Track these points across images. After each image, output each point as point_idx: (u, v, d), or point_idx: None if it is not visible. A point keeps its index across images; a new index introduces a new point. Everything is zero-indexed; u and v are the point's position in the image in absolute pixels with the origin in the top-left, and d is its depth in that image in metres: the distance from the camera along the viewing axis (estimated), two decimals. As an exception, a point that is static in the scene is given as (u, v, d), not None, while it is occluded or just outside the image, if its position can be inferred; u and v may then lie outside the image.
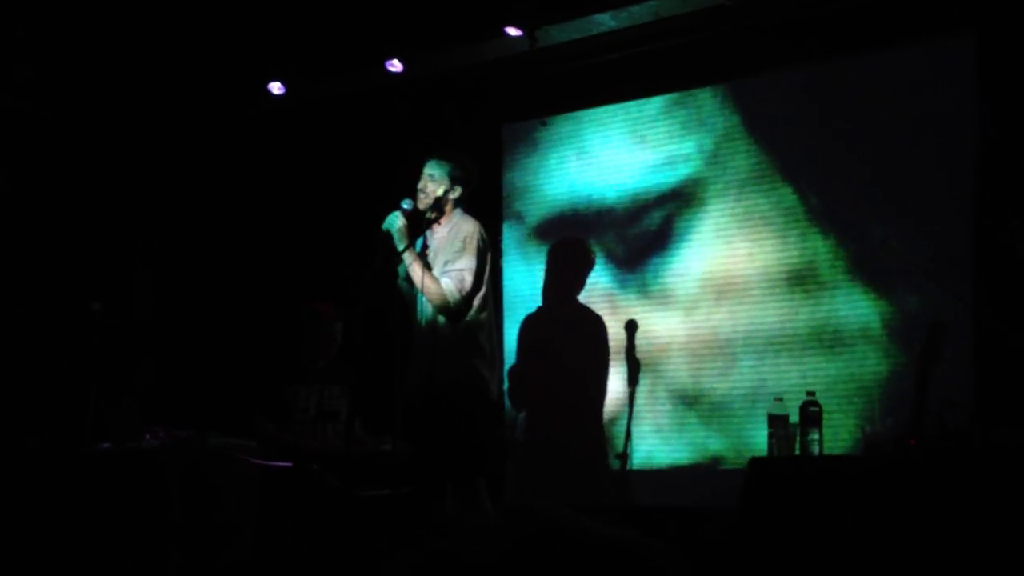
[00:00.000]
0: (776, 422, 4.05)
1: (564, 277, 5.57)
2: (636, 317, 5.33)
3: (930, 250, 4.57)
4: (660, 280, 5.40)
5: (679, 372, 5.27)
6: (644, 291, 5.45)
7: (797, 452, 3.96)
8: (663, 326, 5.34)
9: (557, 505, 1.09)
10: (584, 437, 5.33)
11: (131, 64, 5.92)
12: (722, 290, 5.22)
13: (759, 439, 4.33)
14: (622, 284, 5.51)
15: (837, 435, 4.62)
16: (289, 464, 4.50)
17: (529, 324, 5.59)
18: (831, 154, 5.01)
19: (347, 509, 4.34)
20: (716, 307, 5.22)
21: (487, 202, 5.61)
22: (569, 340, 5.46)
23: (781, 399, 4.19)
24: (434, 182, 4.53)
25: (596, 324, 5.39)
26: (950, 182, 4.69)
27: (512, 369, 5.48)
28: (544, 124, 5.86)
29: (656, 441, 5.28)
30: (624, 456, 5.05)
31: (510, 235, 5.88)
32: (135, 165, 6.37)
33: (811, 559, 3.47)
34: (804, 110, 5.14)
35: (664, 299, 5.38)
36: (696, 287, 5.29)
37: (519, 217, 5.88)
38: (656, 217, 5.46)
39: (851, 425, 4.66)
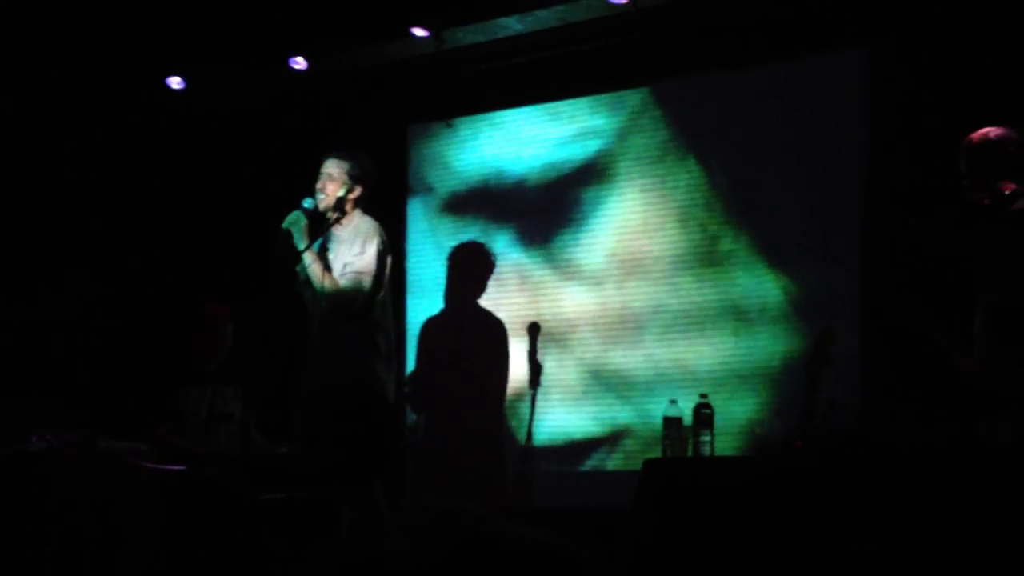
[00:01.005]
0: (670, 424, 4.10)
1: (465, 280, 5.57)
2: (547, 291, 5.40)
3: (823, 246, 4.70)
4: (569, 255, 5.46)
5: (588, 346, 5.32)
6: (554, 265, 5.50)
7: (690, 454, 4.00)
8: (572, 301, 5.40)
9: (479, 507, 1.08)
10: (484, 440, 5.33)
11: (27, 58, 5.75)
12: (630, 266, 5.29)
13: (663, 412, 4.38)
14: (532, 259, 5.55)
15: (732, 415, 4.71)
16: (181, 468, 4.40)
17: (430, 327, 5.58)
18: (739, 147, 5.10)
19: (241, 513, 4.27)
20: (624, 283, 5.29)
21: (390, 202, 5.60)
22: (470, 344, 5.47)
23: (675, 401, 4.23)
24: (333, 181, 4.49)
25: (497, 328, 5.41)
26: (842, 184, 4.82)
27: (412, 373, 5.46)
28: (449, 125, 5.85)
29: (563, 412, 5.33)
30: (524, 456, 5.06)
31: (420, 208, 5.87)
32: (31, 159, 6.20)
33: (702, 560, 3.51)
34: (713, 110, 5.22)
35: (573, 274, 5.44)
36: (605, 262, 5.36)
37: (429, 189, 5.87)
38: (566, 191, 5.51)
39: (750, 405, 4.77)
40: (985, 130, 3.59)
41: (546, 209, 5.53)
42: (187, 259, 6.08)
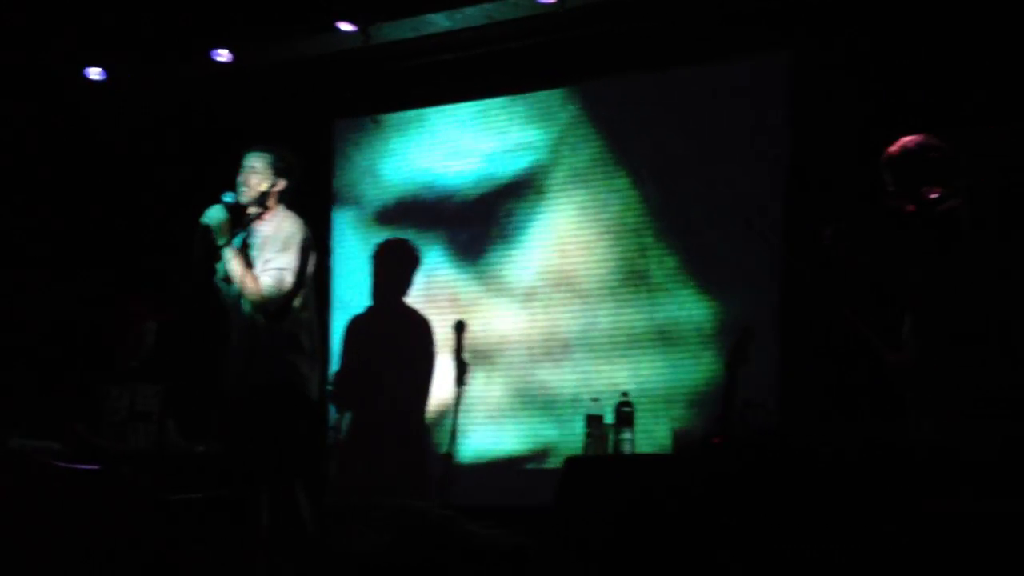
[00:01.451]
0: (592, 422, 4.12)
1: (389, 278, 5.55)
2: (476, 307, 5.37)
3: (747, 252, 4.74)
4: (500, 271, 5.44)
5: (515, 364, 5.30)
6: (484, 281, 5.47)
7: (611, 451, 4.03)
8: (501, 318, 5.38)
9: (436, 505, 1.08)
10: (408, 438, 5.31)
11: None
12: (559, 283, 5.29)
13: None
14: (462, 274, 5.52)
15: (653, 433, 4.71)
16: (96, 467, 4.32)
17: (355, 326, 5.55)
18: (667, 152, 5.14)
19: (158, 513, 4.20)
20: (553, 300, 5.28)
21: (315, 199, 5.54)
22: (395, 342, 5.44)
23: (597, 399, 4.25)
24: (257, 175, 4.38)
25: (422, 326, 5.39)
26: (766, 187, 4.86)
27: (337, 372, 5.42)
28: (376, 122, 5.82)
29: (489, 432, 5.31)
30: (448, 456, 5.04)
31: (348, 219, 5.83)
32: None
33: (621, 555, 3.53)
34: (641, 112, 5.25)
35: (503, 290, 5.42)
36: (535, 279, 5.35)
37: (358, 202, 5.83)
38: (498, 206, 5.49)
39: (677, 419, 4.77)
40: (903, 140, 3.66)
41: (477, 223, 5.52)
42: (106, 255, 5.96)
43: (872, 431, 3.33)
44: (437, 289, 5.53)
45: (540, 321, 5.30)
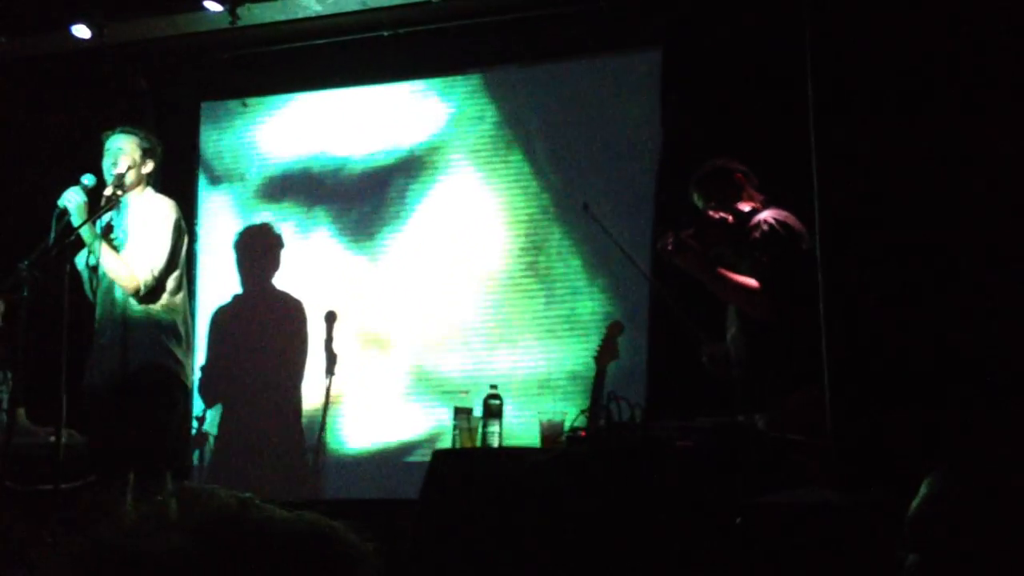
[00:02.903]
0: (460, 414, 4.13)
1: (255, 265, 5.43)
2: (366, 286, 5.25)
3: (616, 249, 4.80)
4: (391, 253, 5.31)
5: (404, 351, 5.19)
6: (375, 260, 5.34)
7: (479, 444, 4.04)
8: (391, 303, 5.25)
9: (231, 490, 1.04)
10: (279, 429, 5.21)
11: None
12: (453, 265, 5.18)
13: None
14: (353, 251, 5.38)
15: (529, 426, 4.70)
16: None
17: (221, 315, 5.42)
18: (557, 141, 5.15)
19: (4, 504, 4.03)
20: (447, 282, 5.17)
21: (181, 182, 5.40)
22: (263, 330, 5.33)
23: (467, 392, 4.25)
24: (125, 155, 4.26)
25: (294, 310, 5.28)
26: (636, 182, 4.94)
27: (204, 364, 5.28)
28: (246, 106, 5.69)
29: (375, 421, 5.19)
30: (318, 448, 4.98)
31: (219, 203, 5.65)
32: None
33: (485, 548, 3.54)
34: (524, 101, 5.24)
35: (396, 270, 5.28)
36: (427, 260, 5.23)
37: (231, 183, 5.66)
38: (390, 183, 5.37)
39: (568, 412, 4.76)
40: (710, 162, 4.00)
41: (368, 202, 5.38)
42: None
43: (723, 421, 3.44)
44: (328, 273, 5.36)
45: (432, 306, 5.17)
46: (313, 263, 5.41)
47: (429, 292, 5.21)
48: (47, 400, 4.35)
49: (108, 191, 4.21)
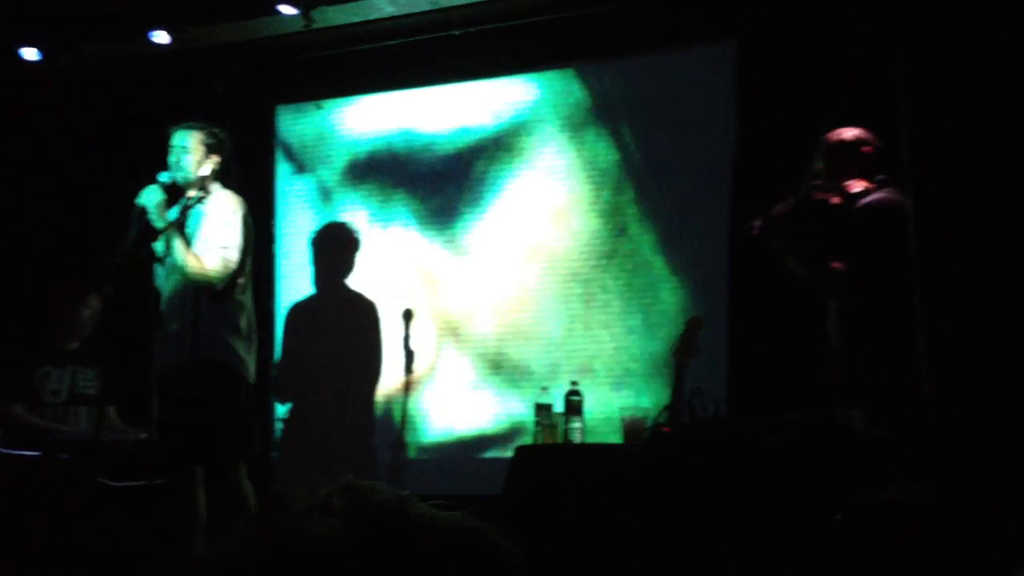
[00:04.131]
0: (541, 411, 4.14)
1: (330, 263, 5.47)
2: (443, 274, 5.26)
3: (694, 243, 4.79)
4: (471, 236, 5.30)
5: (485, 336, 5.18)
6: (454, 247, 5.33)
7: (560, 440, 4.05)
8: (471, 287, 5.24)
9: (390, 487, 1.09)
10: (356, 425, 5.25)
11: None
12: (533, 252, 5.15)
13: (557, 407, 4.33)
14: (431, 238, 5.38)
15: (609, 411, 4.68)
16: (36, 453, 4.23)
17: (297, 313, 5.47)
18: (642, 131, 5.10)
19: (98, 499, 4.13)
20: (526, 270, 5.14)
21: (260, 183, 5.48)
22: (338, 329, 5.38)
23: (546, 388, 4.26)
24: (188, 154, 4.24)
25: (367, 311, 5.33)
26: (711, 179, 4.89)
27: (279, 361, 5.35)
28: (320, 107, 5.76)
29: (454, 413, 5.19)
30: (397, 443, 5.00)
31: (299, 191, 5.70)
32: None
33: (571, 546, 3.56)
34: (609, 92, 5.19)
35: (474, 257, 5.27)
36: (507, 247, 5.21)
37: (326, 162, 5.69)
38: (471, 165, 5.36)
39: (645, 401, 4.67)
40: (839, 131, 3.76)
41: (448, 183, 5.37)
42: (48, 235, 5.83)
43: (813, 421, 3.40)
44: (405, 257, 5.37)
45: (510, 296, 5.15)
46: (392, 253, 5.42)
47: (508, 282, 5.20)
48: (137, 398, 4.46)
49: (190, 193, 4.22)
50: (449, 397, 5.22)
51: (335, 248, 5.47)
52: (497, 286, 5.21)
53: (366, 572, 1.01)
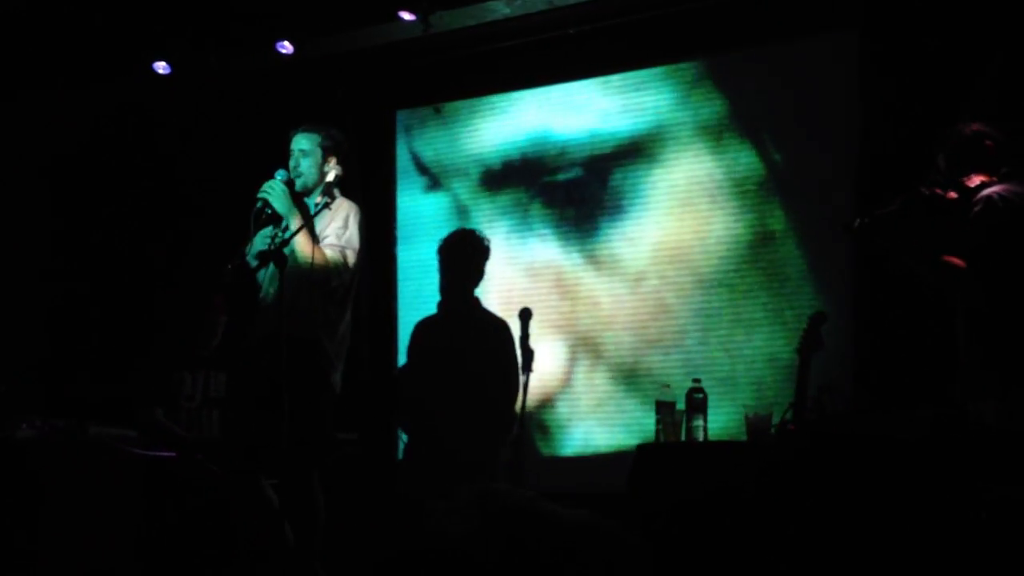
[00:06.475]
0: (663, 409, 4.10)
1: (458, 276, 5.09)
2: (581, 285, 5.22)
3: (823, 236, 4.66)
4: (609, 245, 5.26)
5: (621, 347, 5.13)
6: (592, 257, 5.30)
7: (683, 438, 4.01)
8: (609, 297, 5.21)
9: (521, 489, 1.12)
10: (479, 429, 5.09)
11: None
12: (673, 260, 5.09)
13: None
14: (568, 249, 5.36)
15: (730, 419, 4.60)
16: (173, 454, 4.39)
17: (424, 328, 5.24)
18: (781, 127, 5.01)
19: (229, 498, 4.23)
20: (665, 278, 5.08)
21: (382, 190, 5.57)
22: (467, 344, 4.98)
23: (668, 386, 4.21)
24: (307, 156, 4.13)
25: (497, 328, 4.85)
26: (835, 171, 4.79)
27: (402, 371, 5.18)
28: (438, 111, 5.80)
29: (594, 422, 5.16)
30: (517, 442, 4.90)
31: (455, 192, 5.71)
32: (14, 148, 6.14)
33: (694, 543, 3.52)
34: (744, 88, 5.12)
35: (612, 267, 5.23)
36: (646, 255, 5.15)
37: (463, 172, 5.70)
38: (609, 173, 5.32)
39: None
40: (961, 124, 3.63)
41: (586, 192, 5.34)
42: (176, 245, 6.03)
43: (947, 413, 3.28)
44: (539, 267, 5.36)
45: (650, 302, 5.10)
46: (526, 261, 5.41)
47: (637, 281, 5.15)
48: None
49: (318, 199, 4.14)
50: (570, 400, 5.19)
51: (463, 260, 4.92)
52: (636, 297, 5.15)
53: (504, 567, 1.04)
